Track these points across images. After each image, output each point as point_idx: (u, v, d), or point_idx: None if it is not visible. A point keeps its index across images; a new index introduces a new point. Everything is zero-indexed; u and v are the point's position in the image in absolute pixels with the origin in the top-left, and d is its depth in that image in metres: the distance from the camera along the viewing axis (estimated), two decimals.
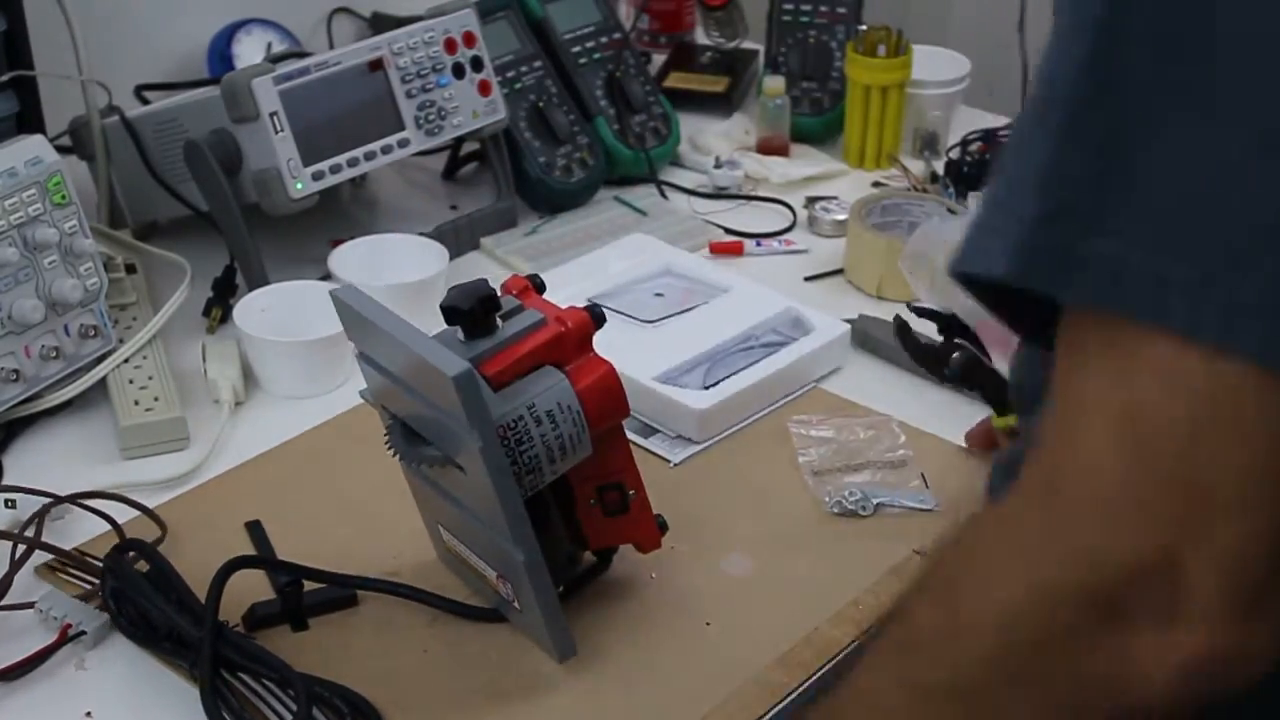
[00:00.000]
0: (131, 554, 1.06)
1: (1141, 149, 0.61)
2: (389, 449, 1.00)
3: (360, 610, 1.07)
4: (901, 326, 1.26)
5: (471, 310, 0.97)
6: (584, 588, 1.08)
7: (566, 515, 1.04)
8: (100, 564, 1.08)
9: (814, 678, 1.03)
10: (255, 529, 1.15)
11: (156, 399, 1.27)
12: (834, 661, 1.04)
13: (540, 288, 1.03)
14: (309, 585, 1.07)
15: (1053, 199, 0.63)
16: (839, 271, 1.52)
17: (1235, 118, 0.60)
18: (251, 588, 1.06)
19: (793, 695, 1.02)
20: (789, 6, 1.79)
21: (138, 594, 1.02)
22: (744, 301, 1.39)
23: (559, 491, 1.03)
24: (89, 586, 1.08)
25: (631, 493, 1.04)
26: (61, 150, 1.32)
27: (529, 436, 0.96)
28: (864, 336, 1.38)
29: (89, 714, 0.99)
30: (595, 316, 1.01)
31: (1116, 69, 0.62)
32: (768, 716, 1.00)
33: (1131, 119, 0.61)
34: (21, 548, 1.08)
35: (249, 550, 1.12)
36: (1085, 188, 0.62)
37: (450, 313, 0.97)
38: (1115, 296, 0.61)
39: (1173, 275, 0.60)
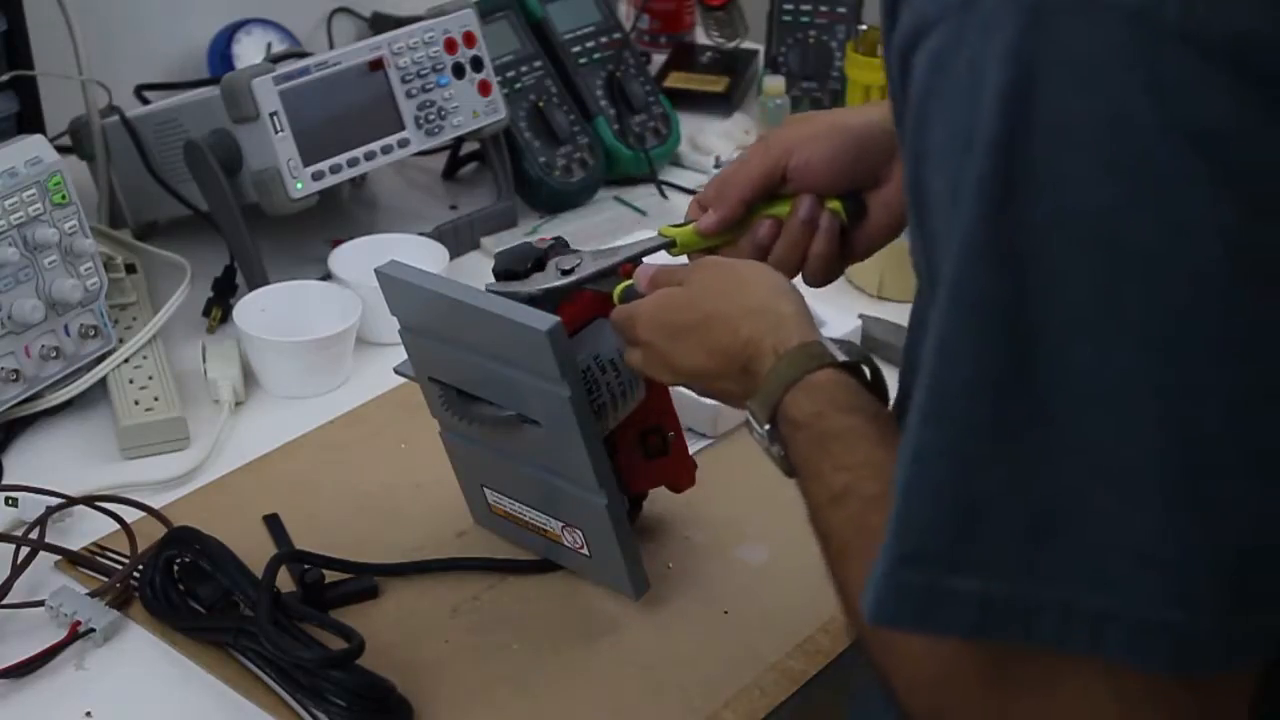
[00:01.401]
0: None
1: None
2: (447, 411, 1.04)
3: (381, 602, 1.08)
4: None
5: (528, 271, 1.01)
6: None
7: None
8: (112, 563, 1.09)
9: (832, 665, 1.04)
10: (273, 522, 1.15)
11: (156, 399, 1.27)
12: (852, 648, 1.05)
13: (566, 247, 1.06)
14: (330, 576, 1.08)
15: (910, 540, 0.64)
16: None
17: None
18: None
19: (811, 682, 1.03)
20: (789, 6, 1.79)
21: (208, 560, 1.03)
22: None
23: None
24: (105, 580, 1.08)
25: (671, 434, 1.08)
26: (61, 150, 1.32)
27: (597, 385, 1.00)
28: (865, 337, 1.38)
29: (89, 714, 0.99)
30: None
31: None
32: (786, 704, 1.01)
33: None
34: (26, 549, 1.08)
35: (265, 545, 1.12)
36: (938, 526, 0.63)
37: (506, 275, 1.01)
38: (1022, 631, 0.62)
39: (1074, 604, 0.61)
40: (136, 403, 1.26)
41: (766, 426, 0.84)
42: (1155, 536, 0.59)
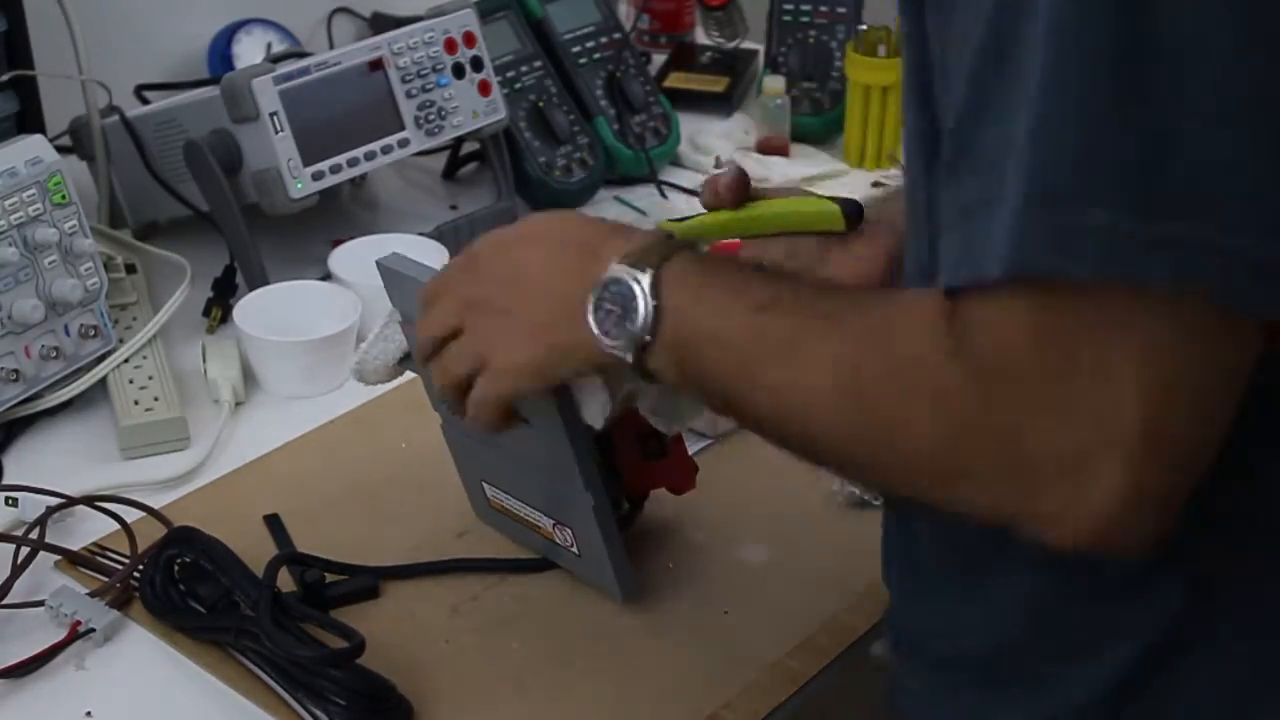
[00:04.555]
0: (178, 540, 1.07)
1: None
2: (443, 406, 1.03)
3: (381, 602, 1.08)
4: None
5: None
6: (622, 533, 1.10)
7: (606, 461, 1.06)
8: (112, 563, 1.09)
9: (832, 664, 1.04)
10: (273, 522, 1.15)
11: (156, 399, 1.27)
12: (852, 648, 1.06)
13: None
14: (330, 576, 1.08)
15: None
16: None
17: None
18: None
19: (811, 682, 1.03)
20: (789, 6, 1.79)
21: (209, 560, 1.03)
22: None
23: (599, 438, 1.05)
24: (105, 580, 1.08)
25: (669, 437, 1.07)
26: (61, 150, 1.32)
27: None
28: None
29: (89, 714, 0.99)
30: None
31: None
32: (786, 704, 1.01)
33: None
34: (25, 549, 1.08)
35: (265, 545, 1.12)
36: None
37: None
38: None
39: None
40: (136, 403, 1.26)
41: (649, 274, 0.80)
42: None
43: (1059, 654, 0.81)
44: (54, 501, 1.14)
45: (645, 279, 0.80)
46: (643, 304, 0.79)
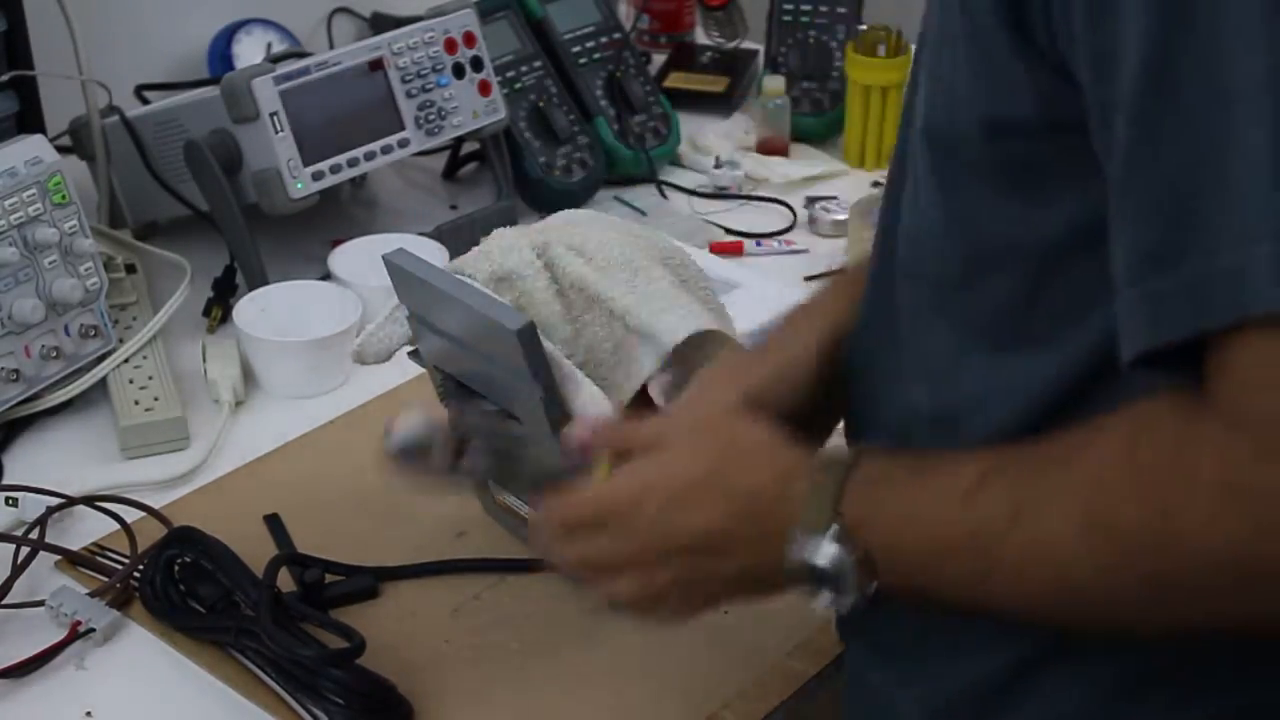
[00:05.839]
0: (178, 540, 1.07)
1: None
2: (443, 401, 1.04)
3: (381, 602, 1.08)
4: None
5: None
6: None
7: None
8: (112, 563, 1.10)
9: (832, 665, 1.04)
10: (273, 522, 1.15)
11: (156, 399, 1.27)
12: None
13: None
14: (330, 576, 1.08)
15: None
16: (839, 271, 1.52)
17: None
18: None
19: (811, 682, 1.03)
20: (789, 6, 1.79)
21: (209, 560, 1.04)
22: (753, 298, 1.39)
23: None
24: (105, 580, 1.08)
25: None
26: (61, 150, 1.32)
27: None
28: None
29: (89, 714, 0.99)
30: None
31: None
32: (786, 704, 1.02)
33: None
34: (26, 549, 1.09)
35: (265, 545, 1.12)
36: None
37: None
38: None
39: None
40: (136, 403, 1.26)
41: (833, 528, 0.75)
42: None
43: None
44: (54, 501, 1.14)
45: (837, 549, 0.75)
46: (850, 577, 0.75)
